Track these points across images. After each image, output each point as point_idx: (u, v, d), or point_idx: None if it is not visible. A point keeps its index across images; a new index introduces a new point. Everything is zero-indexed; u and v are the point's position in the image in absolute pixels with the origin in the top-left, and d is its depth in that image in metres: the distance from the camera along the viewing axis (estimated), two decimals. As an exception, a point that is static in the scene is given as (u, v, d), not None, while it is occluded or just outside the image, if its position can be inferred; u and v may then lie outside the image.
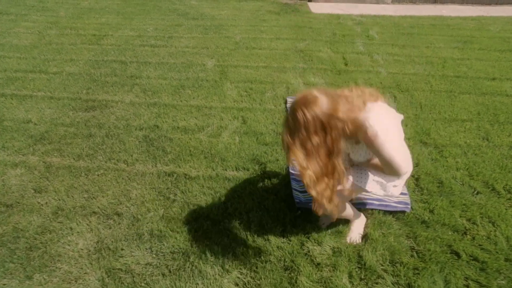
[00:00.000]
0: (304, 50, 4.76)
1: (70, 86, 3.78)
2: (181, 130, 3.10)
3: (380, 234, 2.14)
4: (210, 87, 3.81)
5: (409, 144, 2.89)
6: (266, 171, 2.62)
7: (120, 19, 5.96)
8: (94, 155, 2.78)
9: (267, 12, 6.42)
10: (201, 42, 5.00)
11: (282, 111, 3.39)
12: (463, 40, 5.14)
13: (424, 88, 3.80)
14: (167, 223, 2.21)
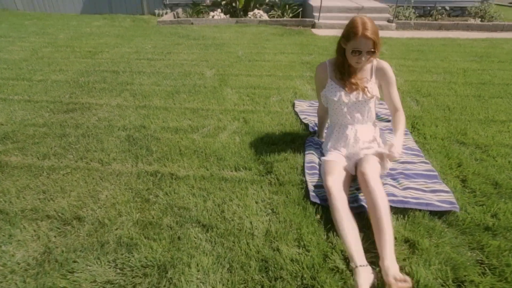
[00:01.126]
0: (311, 62, 4.45)
1: (52, 91, 3.39)
2: (171, 130, 2.63)
3: (431, 244, 1.56)
4: (208, 92, 3.40)
5: (444, 144, 2.40)
6: (274, 170, 2.10)
7: (119, 40, 5.79)
8: (63, 154, 2.29)
9: (270, 34, 6.27)
10: (200, 56, 4.72)
11: (290, 113, 2.94)
12: (478, 55, 4.84)
13: (448, 94, 3.38)
14: (141, 229, 1.65)
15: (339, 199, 1.65)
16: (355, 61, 1.85)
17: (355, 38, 1.76)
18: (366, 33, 1.73)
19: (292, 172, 2.08)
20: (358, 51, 1.79)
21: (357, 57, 1.81)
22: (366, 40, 1.75)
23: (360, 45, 1.77)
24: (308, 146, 2.35)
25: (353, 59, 1.84)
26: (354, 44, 1.78)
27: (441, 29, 7.06)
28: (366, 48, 1.78)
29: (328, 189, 1.70)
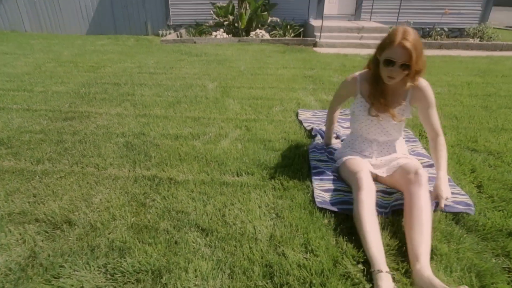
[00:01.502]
0: (313, 76, 4.43)
1: (52, 101, 3.35)
2: (171, 137, 2.54)
3: (450, 249, 1.43)
4: (210, 102, 3.35)
5: (455, 151, 2.30)
6: (277, 176, 1.99)
7: (122, 56, 5.83)
8: (58, 159, 2.19)
9: (272, 51, 6.32)
10: (202, 70, 4.72)
11: (294, 122, 2.86)
12: (481, 70, 4.83)
13: (454, 104, 3.31)
14: (136, 233, 1.53)
15: (369, 194, 1.53)
16: (387, 75, 1.63)
17: (390, 46, 1.57)
18: (405, 43, 1.52)
19: (296, 177, 1.98)
20: (391, 61, 1.57)
21: (389, 69, 1.59)
22: (402, 50, 1.53)
23: (395, 54, 1.55)
24: (312, 152, 2.26)
25: (384, 71, 1.63)
26: (388, 53, 1.58)
27: (441, 48, 7.13)
28: (400, 60, 1.55)
29: (358, 181, 1.57)
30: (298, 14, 8.59)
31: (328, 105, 3.29)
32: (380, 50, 1.65)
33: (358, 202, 1.51)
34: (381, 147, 1.92)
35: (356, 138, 2.00)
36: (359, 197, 1.52)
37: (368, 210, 1.47)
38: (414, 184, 1.52)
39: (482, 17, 8.34)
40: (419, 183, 1.50)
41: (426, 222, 1.40)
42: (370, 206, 1.49)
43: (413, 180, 1.53)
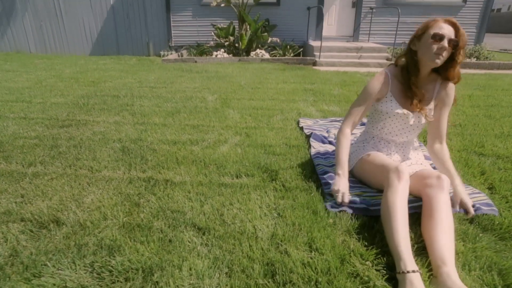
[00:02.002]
0: (314, 89, 4.42)
1: (50, 111, 3.31)
2: (169, 142, 2.47)
3: (466, 248, 1.32)
4: (210, 112, 3.31)
5: (461, 155, 2.23)
6: (279, 177, 1.90)
7: (123, 73, 5.88)
8: (51, 162, 2.11)
9: (272, 69, 6.38)
10: (203, 85, 4.72)
11: (295, 129, 2.80)
12: (481, 85, 4.83)
13: (457, 113, 3.27)
14: (127, 231, 1.43)
15: (407, 186, 1.41)
16: (435, 52, 1.49)
17: (436, 24, 1.51)
18: (450, 19, 1.51)
19: (299, 179, 1.89)
20: (439, 36, 1.48)
21: (437, 45, 1.48)
22: (450, 26, 1.49)
23: (443, 29, 1.48)
24: (315, 158, 2.18)
25: (431, 49, 1.50)
26: (436, 29, 1.50)
27: (439, 67, 7.20)
28: (450, 34, 1.48)
29: (398, 169, 1.42)
30: (297, 35, 8.77)
31: (329, 114, 3.26)
32: (420, 36, 1.57)
33: (396, 192, 1.36)
34: (398, 148, 1.82)
35: (372, 138, 1.86)
36: (398, 187, 1.37)
37: (403, 202, 1.36)
38: (436, 188, 1.42)
39: (477, 39, 8.51)
40: (441, 187, 1.41)
41: (449, 226, 1.31)
42: (405, 199, 1.37)
43: (434, 184, 1.43)
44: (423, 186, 1.48)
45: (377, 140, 1.84)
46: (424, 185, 1.47)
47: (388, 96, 1.74)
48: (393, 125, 1.76)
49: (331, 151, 2.26)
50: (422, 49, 1.56)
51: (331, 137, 2.54)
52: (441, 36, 1.49)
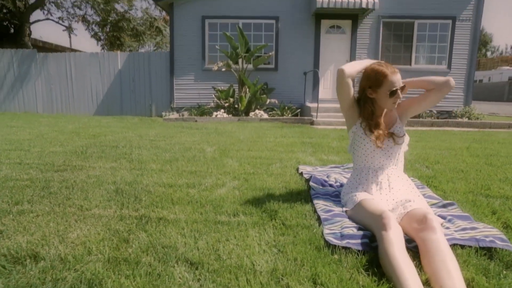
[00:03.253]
0: (312, 142, 4.47)
1: (46, 158, 3.27)
2: (166, 185, 2.40)
3: (491, 284, 1.19)
4: (208, 160, 3.28)
5: (468, 197, 2.15)
6: (278, 217, 1.80)
7: (124, 129, 5.99)
8: (39, 201, 2.01)
9: (270, 127, 6.53)
10: (202, 138, 4.78)
11: (294, 175, 2.75)
12: (476, 139, 4.91)
13: (457, 161, 3.25)
14: (112, 266, 1.29)
15: (398, 233, 1.36)
16: (393, 102, 1.79)
17: (386, 79, 1.75)
18: (394, 69, 1.78)
19: (299, 217, 1.79)
20: (395, 92, 1.75)
21: (394, 97, 1.77)
22: (396, 76, 1.76)
23: (395, 83, 1.75)
24: (315, 197, 2.10)
25: (390, 101, 1.79)
26: (389, 86, 1.75)
27: (433, 126, 7.41)
28: (400, 85, 1.77)
29: (385, 220, 1.40)
30: (295, 97, 9.19)
31: (329, 163, 3.24)
32: (375, 87, 1.81)
33: (388, 242, 1.31)
34: (388, 174, 1.85)
35: (361, 171, 1.93)
36: (388, 237, 1.33)
37: (400, 249, 1.29)
38: (427, 230, 1.36)
39: (465, 101, 8.92)
40: (432, 229, 1.35)
41: (453, 266, 1.21)
42: (401, 245, 1.31)
43: (424, 227, 1.39)
44: (414, 231, 1.44)
45: (366, 172, 1.90)
46: (416, 230, 1.43)
47: (358, 124, 1.95)
48: (370, 149, 1.88)
49: (331, 192, 2.18)
50: (381, 100, 1.82)
51: (331, 181, 2.47)
52: (397, 92, 1.76)
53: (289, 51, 9.17)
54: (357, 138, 1.94)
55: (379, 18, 8.72)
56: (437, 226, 1.36)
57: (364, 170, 1.92)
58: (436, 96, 1.86)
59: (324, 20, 8.98)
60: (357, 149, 1.96)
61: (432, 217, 1.41)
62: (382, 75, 1.76)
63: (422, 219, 1.42)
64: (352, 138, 2.00)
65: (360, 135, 1.92)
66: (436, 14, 8.68)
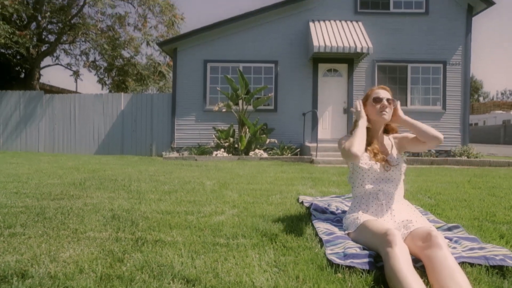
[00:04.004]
0: (312, 177, 4.44)
1: (44, 188, 3.23)
2: (164, 212, 2.34)
3: (503, 298, 1.12)
4: (207, 192, 3.24)
5: (473, 223, 2.10)
6: (279, 239, 1.74)
7: (124, 166, 5.99)
8: (32, 225, 1.96)
9: (270, 165, 6.53)
10: (201, 174, 4.76)
11: (295, 204, 2.70)
12: (476, 174, 4.89)
13: (460, 192, 3.21)
14: (105, 282, 1.23)
15: (405, 249, 1.32)
16: (379, 111, 1.86)
17: (372, 92, 1.94)
18: (382, 86, 1.95)
19: (301, 240, 1.73)
20: (378, 98, 1.87)
21: (379, 105, 1.85)
22: (383, 90, 1.92)
23: (379, 94, 1.89)
24: (315, 221, 2.05)
25: (375, 109, 1.87)
26: (374, 94, 1.90)
27: (433, 164, 7.41)
28: (385, 96, 1.88)
29: (390, 237, 1.36)
30: (294, 137, 9.30)
31: (330, 194, 3.19)
32: (365, 101, 1.97)
33: (394, 258, 1.27)
34: (388, 198, 1.83)
35: (362, 197, 1.91)
36: (395, 253, 1.29)
37: (407, 265, 1.24)
38: (432, 248, 1.33)
39: (463, 141, 9.02)
40: (437, 245, 1.32)
41: (463, 280, 1.17)
42: (408, 261, 1.27)
43: (429, 244, 1.35)
44: (420, 250, 1.40)
45: (366, 198, 1.88)
46: (421, 248, 1.39)
47: None
48: (370, 176, 1.88)
49: (333, 218, 2.13)
50: (370, 112, 1.92)
51: (333, 209, 2.43)
52: (380, 98, 1.87)
53: (288, 93, 9.47)
54: (356, 168, 1.93)
55: (374, 62, 9.14)
56: (442, 242, 1.32)
57: (365, 196, 1.90)
58: (424, 146, 1.89)
59: (321, 64, 9.39)
60: (356, 176, 1.95)
61: (436, 233, 1.37)
62: (370, 90, 1.98)
63: (426, 236, 1.38)
64: (352, 167, 1.99)
65: (357, 164, 1.90)
66: (427, 59, 9.12)
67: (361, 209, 1.86)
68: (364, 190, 1.90)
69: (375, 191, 1.86)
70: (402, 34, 9.14)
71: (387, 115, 1.87)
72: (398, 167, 1.88)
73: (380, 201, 1.82)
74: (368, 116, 1.92)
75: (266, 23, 9.39)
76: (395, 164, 1.87)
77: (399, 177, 1.90)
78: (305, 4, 9.20)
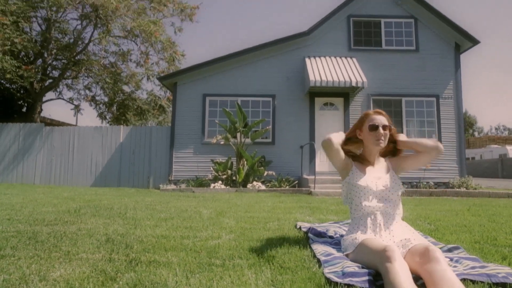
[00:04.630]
0: (311, 206, 4.39)
1: (37, 215, 3.18)
2: (159, 236, 2.30)
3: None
4: (204, 219, 3.19)
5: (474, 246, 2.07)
6: (276, 261, 1.70)
7: (120, 196, 5.90)
8: (24, 248, 1.91)
9: (268, 196, 6.47)
10: (199, 204, 4.70)
11: (293, 229, 2.66)
12: (476, 204, 4.84)
13: (459, 219, 3.16)
14: (95, 298, 1.18)
15: (404, 265, 1.31)
16: (375, 139, 1.85)
17: (368, 116, 1.91)
18: (378, 110, 1.93)
19: (298, 261, 1.69)
20: (374, 126, 1.85)
21: (374, 132, 1.84)
22: (379, 116, 1.88)
23: (376, 120, 1.86)
24: (313, 243, 2.02)
25: (372, 136, 1.86)
26: (370, 121, 1.88)
27: (431, 195, 7.36)
28: (381, 123, 1.85)
29: (388, 253, 1.35)
30: (292, 170, 9.29)
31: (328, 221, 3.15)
32: (360, 125, 1.95)
33: (394, 273, 1.26)
34: (386, 218, 1.82)
35: (360, 218, 1.89)
36: (394, 268, 1.28)
37: (408, 280, 1.23)
38: (430, 262, 1.32)
39: (461, 173, 9.04)
40: (435, 259, 1.32)
41: None
42: (408, 276, 1.25)
43: (427, 259, 1.35)
44: (419, 265, 1.38)
45: (363, 219, 1.87)
46: (419, 264, 1.38)
47: (353, 168, 1.98)
48: (367, 195, 1.87)
49: (331, 241, 2.10)
50: (366, 138, 1.92)
51: (331, 233, 2.39)
52: (376, 126, 1.85)
53: (286, 126, 9.62)
54: (352, 187, 1.93)
55: (369, 96, 9.40)
56: (441, 256, 1.30)
57: (363, 217, 1.89)
58: (425, 158, 1.91)
59: (317, 98, 9.64)
60: (353, 197, 1.94)
61: (434, 248, 1.36)
62: (365, 114, 1.95)
63: (424, 252, 1.36)
64: (347, 188, 2.00)
65: (354, 182, 1.92)
66: (420, 93, 9.40)
67: (359, 230, 1.84)
68: (361, 210, 1.89)
69: (372, 211, 1.85)
70: (395, 69, 9.50)
71: (383, 142, 1.87)
72: (396, 188, 1.89)
73: (378, 222, 1.81)
74: (364, 141, 1.95)
75: (264, 58, 9.76)
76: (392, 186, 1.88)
77: (396, 198, 1.90)
78: (301, 41, 9.64)
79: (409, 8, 9.70)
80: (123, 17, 11.72)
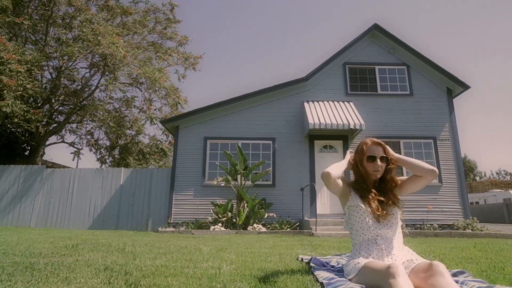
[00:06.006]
0: (312, 244, 4.29)
1: (34, 250, 3.10)
2: (159, 266, 2.25)
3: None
4: (204, 254, 3.12)
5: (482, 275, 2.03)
6: (278, 285, 1.67)
7: (117, 237, 5.77)
8: (20, 274, 1.87)
9: (269, 237, 6.30)
10: (198, 243, 4.58)
11: (295, 261, 2.60)
12: (483, 243, 4.71)
13: (465, 253, 3.09)
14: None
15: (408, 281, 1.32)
16: (373, 169, 1.91)
17: (366, 146, 1.96)
18: (375, 140, 1.98)
19: (300, 285, 1.66)
20: (372, 157, 1.90)
21: (372, 164, 1.90)
22: (377, 146, 1.94)
23: (373, 151, 1.92)
24: (315, 270, 1.98)
25: (370, 167, 1.92)
26: (367, 152, 1.94)
27: (436, 236, 7.18)
28: (379, 154, 1.91)
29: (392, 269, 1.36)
30: (293, 212, 9.15)
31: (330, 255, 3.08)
32: (359, 157, 1.99)
33: None
34: (387, 242, 1.83)
35: (361, 244, 1.90)
36: (398, 283, 1.30)
37: None
38: (435, 276, 1.35)
39: (465, 214, 8.88)
40: (439, 273, 1.35)
41: None
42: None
43: (432, 273, 1.37)
44: (423, 281, 1.40)
45: (365, 244, 1.88)
46: (423, 279, 1.40)
47: (352, 194, 2.01)
48: (367, 219, 1.89)
49: (333, 269, 2.05)
50: (364, 167, 1.97)
51: (333, 263, 2.34)
52: (374, 157, 1.91)
53: (286, 168, 9.66)
54: (353, 212, 1.96)
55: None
56: (444, 270, 1.31)
57: (363, 242, 1.89)
58: (422, 181, 1.96)
59: (317, 141, 9.81)
60: (354, 223, 1.96)
61: (438, 263, 1.36)
62: (364, 143, 1.99)
63: (428, 267, 1.37)
64: (348, 213, 2.02)
65: (355, 208, 1.95)
66: (418, 135, 9.59)
67: (361, 255, 1.83)
68: (362, 235, 1.89)
69: (373, 236, 1.86)
70: (391, 112, 9.80)
71: (380, 172, 1.94)
72: (394, 211, 1.91)
73: (380, 246, 1.80)
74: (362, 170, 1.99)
75: (264, 103, 10.12)
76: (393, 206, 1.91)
77: (396, 222, 1.91)
78: (300, 87, 10.07)
79: (401, 56, 10.29)
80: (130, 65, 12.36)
